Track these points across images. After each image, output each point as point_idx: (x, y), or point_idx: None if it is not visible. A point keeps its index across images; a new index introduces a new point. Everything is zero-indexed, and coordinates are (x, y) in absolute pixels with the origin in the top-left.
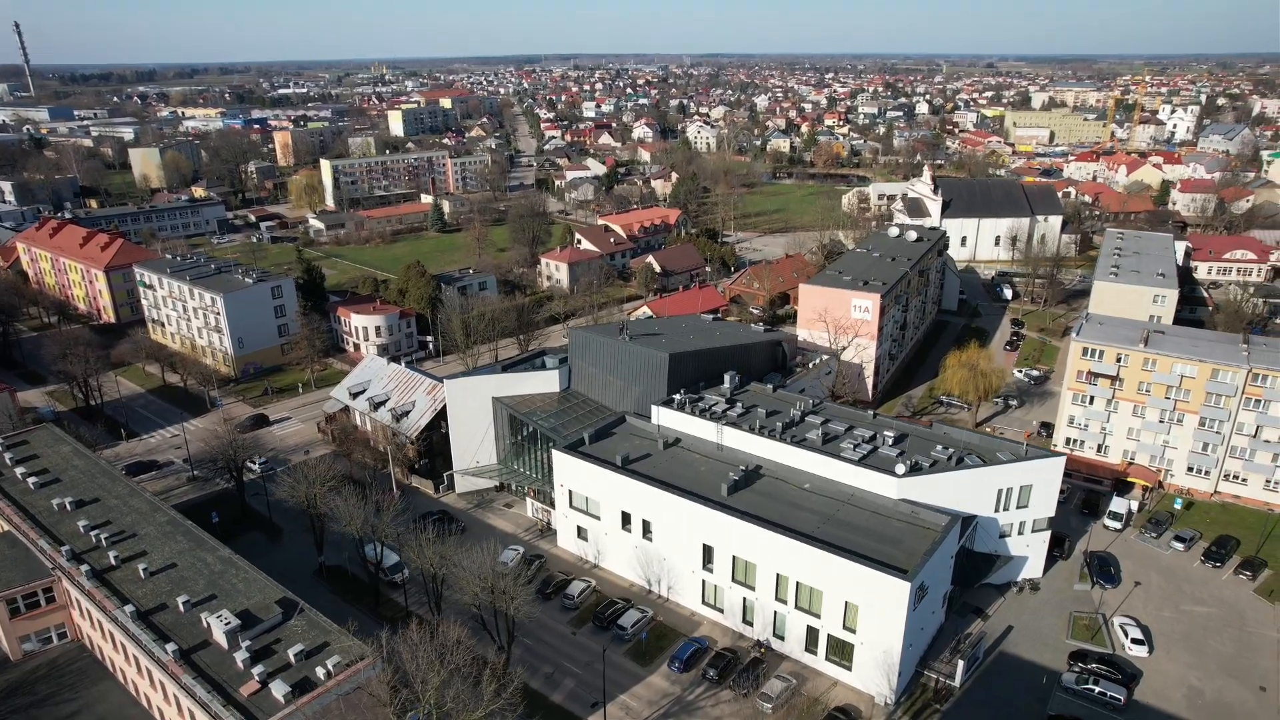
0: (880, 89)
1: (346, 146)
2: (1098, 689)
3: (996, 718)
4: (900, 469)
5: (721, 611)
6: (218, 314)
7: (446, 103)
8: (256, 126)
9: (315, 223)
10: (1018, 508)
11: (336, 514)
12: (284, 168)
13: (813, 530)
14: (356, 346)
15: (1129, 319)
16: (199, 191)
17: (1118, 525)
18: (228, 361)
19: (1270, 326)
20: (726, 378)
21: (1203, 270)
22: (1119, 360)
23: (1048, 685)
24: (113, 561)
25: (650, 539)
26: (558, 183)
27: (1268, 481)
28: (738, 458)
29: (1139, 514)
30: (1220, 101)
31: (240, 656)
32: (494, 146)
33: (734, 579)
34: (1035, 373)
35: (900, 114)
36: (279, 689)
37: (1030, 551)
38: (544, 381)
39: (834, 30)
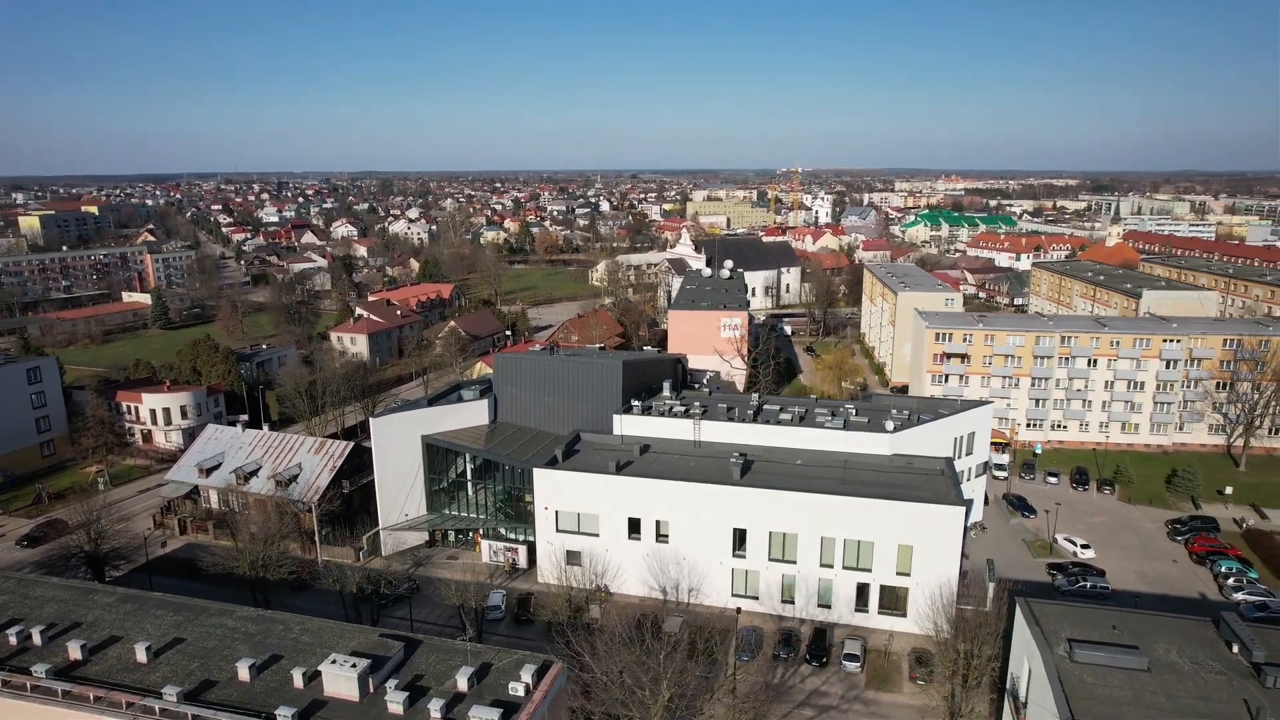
0: (554, 193)
1: None
2: (1088, 584)
3: None
4: (890, 426)
5: (756, 598)
6: None
7: (93, 209)
8: None
9: None
10: (966, 454)
11: (320, 571)
12: None
13: (838, 491)
14: (148, 435)
15: (949, 311)
16: None
17: (1004, 474)
18: None
19: None
20: (666, 385)
21: None
22: (965, 339)
23: (1049, 593)
24: (79, 655)
25: (666, 541)
26: (280, 276)
27: (1080, 424)
28: (717, 450)
29: (1012, 464)
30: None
31: (394, 699)
32: (180, 246)
33: (771, 557)
34: (859, 380)
35: (588, 210)
36: (484, 714)
37: (976, 495)
38: (473, 413)
39: (487, 149)
